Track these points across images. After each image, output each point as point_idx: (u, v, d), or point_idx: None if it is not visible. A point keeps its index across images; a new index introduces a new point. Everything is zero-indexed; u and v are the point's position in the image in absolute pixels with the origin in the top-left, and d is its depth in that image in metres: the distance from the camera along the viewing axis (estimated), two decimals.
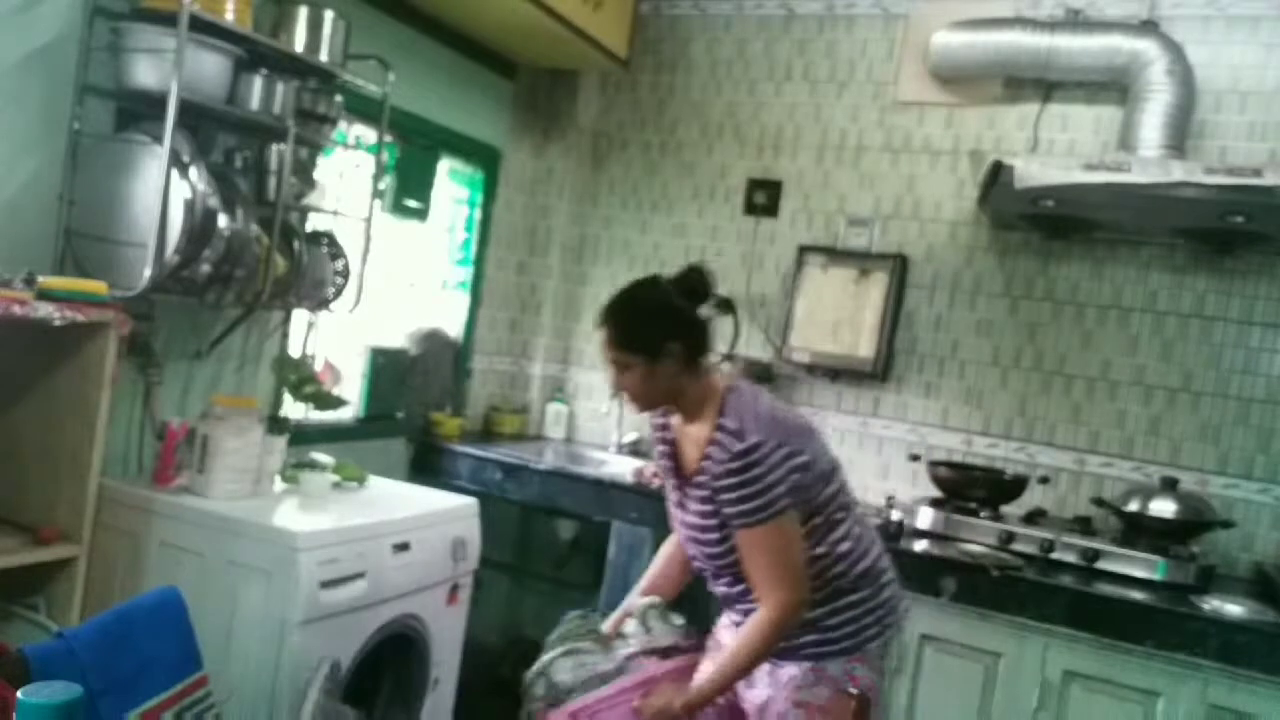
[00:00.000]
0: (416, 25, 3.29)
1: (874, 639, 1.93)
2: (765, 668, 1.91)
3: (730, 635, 1.97)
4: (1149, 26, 3.14)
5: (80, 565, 2.08)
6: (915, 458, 3.39)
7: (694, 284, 1.93)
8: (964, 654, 2.79)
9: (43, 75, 2.18)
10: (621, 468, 3.58)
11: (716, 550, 1.91)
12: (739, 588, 1.92)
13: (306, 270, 2.64)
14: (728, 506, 1.82)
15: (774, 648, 1.83)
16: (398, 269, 3.53)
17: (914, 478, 3.43)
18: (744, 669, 1.85)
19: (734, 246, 3.86)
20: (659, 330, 1.88)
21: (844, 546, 1.90)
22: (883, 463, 3.58)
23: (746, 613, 1.90)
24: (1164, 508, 2.91)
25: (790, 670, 1.89)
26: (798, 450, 1.82)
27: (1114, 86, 3.22)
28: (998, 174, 2.83)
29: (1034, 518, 3.08)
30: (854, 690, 1.89)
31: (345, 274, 2.81)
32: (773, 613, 1.80)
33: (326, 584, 2.20)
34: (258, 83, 2.38)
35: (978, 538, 2.95)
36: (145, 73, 2.19)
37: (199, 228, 2.23)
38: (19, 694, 0.81)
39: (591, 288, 4.11)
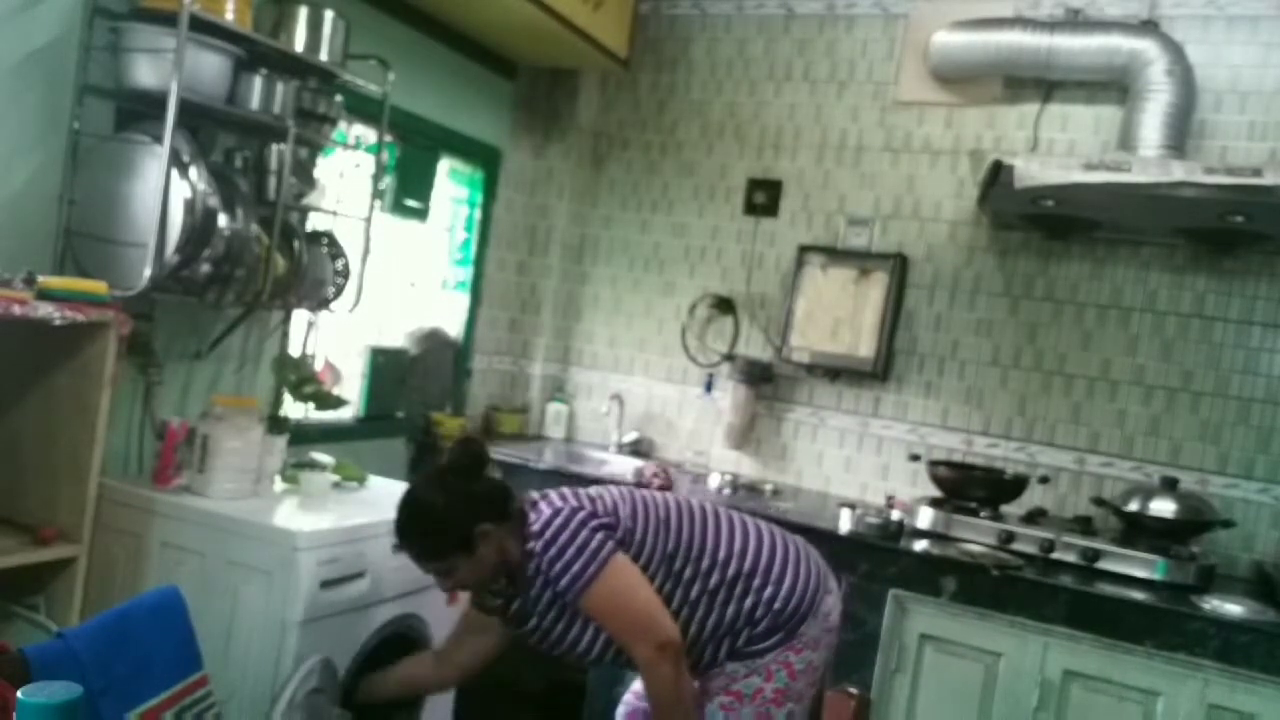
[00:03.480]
0: (416, 25, 3.29)
1: (801, 621, 1.96)
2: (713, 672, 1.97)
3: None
4: (1149, 26, 3.14)
5: (80, 565, 2.08)
6: (915, 458, 3.39)
7: (470, 460, 1.95)
8: (964, 654, 2.79)
9: (43, 75, 2.18)
10: (621, 467, 3.58)
11: (603, 646, 1.95)
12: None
13: (306, 270, 2.64)
14: (560, 581, 1.85)
15: (678, 695, 1.87)
16: (398, 269, 3.53)
17: (914, 478, 3.43)
18: None
19: (734, 246, 3.86)
20: (464, 528, 1.88)
21: (713, 580, 1.94)
22: (883, 463, 3.58)
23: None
24: (1164, 508, 2.91)
25: (730, 666, 1.96)
26: (593, 513, 1.89)
27: (1114, 86, 3.22)
28: (998, 174, 2.83)
29: (1034, 518, 3.08)
30: (789, 679, 1.95)
31: (345, 274, 2.81)
32: (647, 673, 1.87)
33: (326, 584, 2.20)
34: (258, 83, 2.38)
35: (978, 537, 2.94)
36: (145, 73, 2.19)
37: (199, 227, 2.23)
38: (19, 694, 0.81)
39: (591, 288, 4.11)
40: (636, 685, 2.22)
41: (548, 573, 1.86)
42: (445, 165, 3.67)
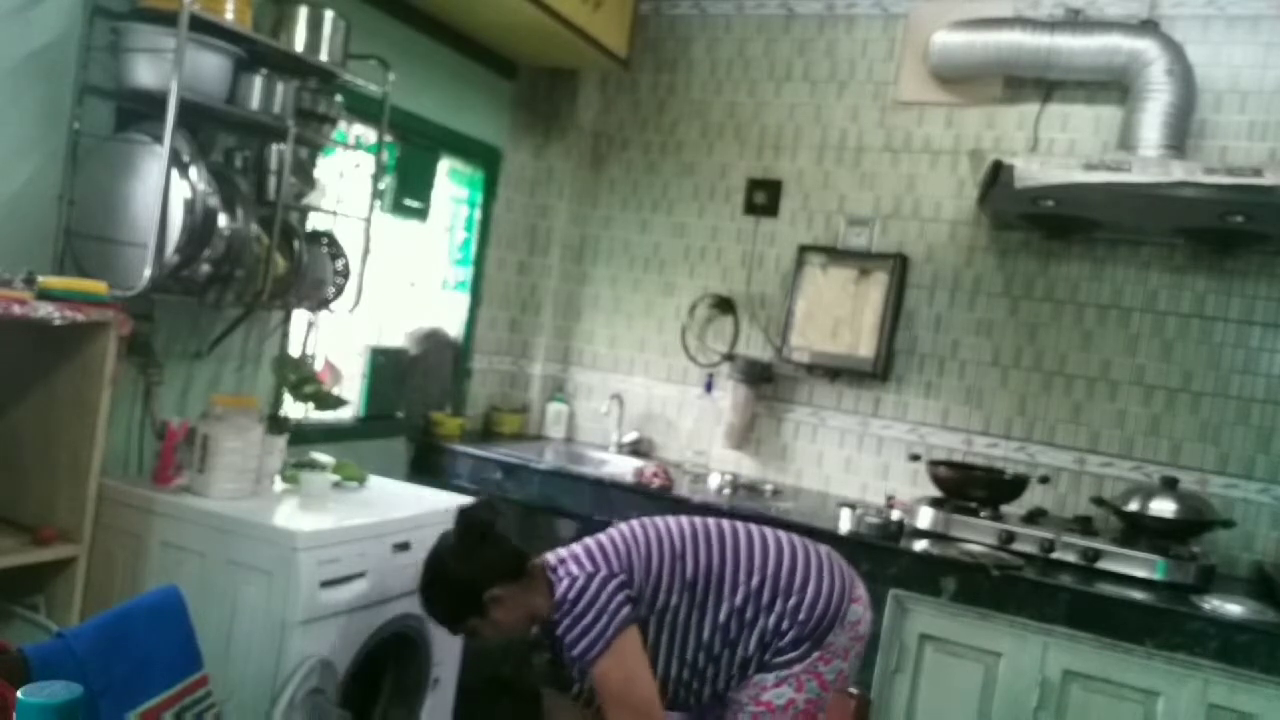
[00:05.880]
0: (416, 25, 3.29)
1: (828, 630, 1.95)
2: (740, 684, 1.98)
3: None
4: (1149, 26, 3.14)
5: (80, 565, 2.08)
6: (915, 458, 3.39)
7: (481, 522, 2.00)
8: (964, 654, 2.79)
9: (43, 75, 2.17)
10: (621, 467, 3.58)
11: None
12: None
13: (306, 270, 2.64)
14: (570, 651, 1.87)
15: None
16: (398, 269, 3.53)
17: (914, 478, 3.43)
18: None
19: (734, 246, 3.86)
20: (474, 594, 1.94)
21: (738, 598, 1.95)
22: (883, 463, 3.58)
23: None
24: (1164, 508, 2.91)
25: (758, 676, 1.96)
26: (611, 573, 1.90)
27: (1114, 86, 3.22)
28: (998, 174, 2.83)
29: (1034, 517, 3.08)
30: (820, 689, 1.95)
31: (345, 274, 2.81)
32: None
33: (326, 584, 2.20)
34: (258, 82, 2.38)
35: (978, 537, 2.94)
36: (145, 73, 2.19)
37: (199, 227, 2.23)
38: (19, 694, 0.81)
39: (591, 288, 4.11)
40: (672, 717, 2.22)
41: (564, 639, 1.89)
42: (445, 165, 3.67)
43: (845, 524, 2.97)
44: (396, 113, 3.01)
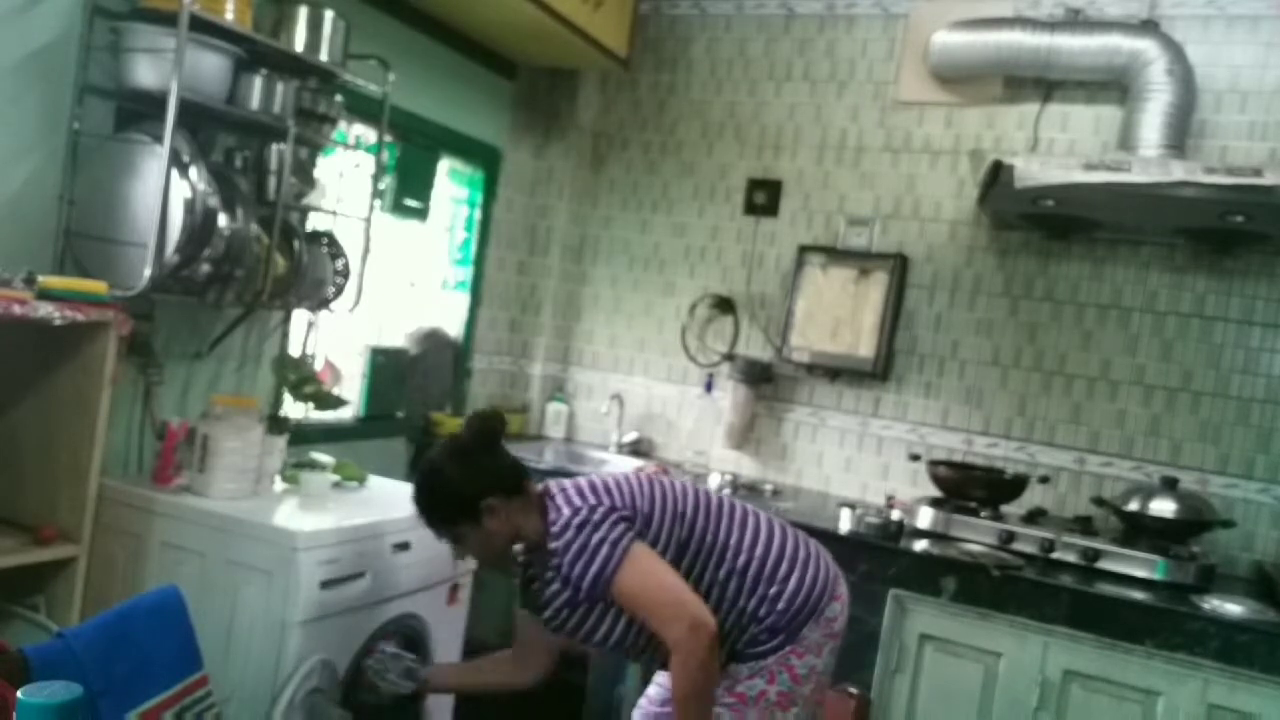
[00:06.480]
0: (416, 25, 3.29)
1: (804, 624, 1.96)
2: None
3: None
4: (1149, 26, 3.14)
5: (80, 565, 2.08)
6: (915, 457, 3.39)
7: (487, 431, 2.00)
8: (964, 654, 2.79)
9: (43, 75, 2.17)
10: (621, 467, 3.58)
11: (622, 634, 1.94)
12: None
13: (306, 270, 2.64)
14: (581, 580, 1.86)
15: (706, 680, 1.85)
16: (398, 269, 3.53)
17: (914, 478, 3.43)
18: (695, 714, 1.86)
19: (734, 246, 3.86)
20: (470, 500, 1.93)
21: (722, 572, 1.95)
22: (883, 463, 3.58)
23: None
24: (1164, 507, 2.91)
25: (732, 667, 1.96)
26: (612, 507, 1.89)
27: (1114, 86, 3.23)
28: (998, 174, 2.83)
29: (1034, 517, 3.08)
30: (792, 682, 1.94)
31: (345, 274, 2.81)
32: (679, 654, 1.84)
33: (326, 584, 2.20)
34: (258, 82, 2.38)
35: (978, 537, 2.95)
36: (145, 73, 2.19)
37: (199, 227, 2.23)
38: (19, 694, 0.81)
39: (591, 288, 4.11)
40: (651, 690, 2.21)
41: (568, 574, 1.87)
42: (445, 165, 3.67)
43: (845, 524, 2.97)
44: (396, 113, 3.01)
